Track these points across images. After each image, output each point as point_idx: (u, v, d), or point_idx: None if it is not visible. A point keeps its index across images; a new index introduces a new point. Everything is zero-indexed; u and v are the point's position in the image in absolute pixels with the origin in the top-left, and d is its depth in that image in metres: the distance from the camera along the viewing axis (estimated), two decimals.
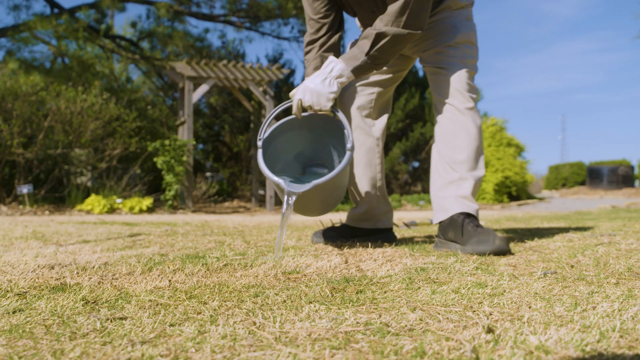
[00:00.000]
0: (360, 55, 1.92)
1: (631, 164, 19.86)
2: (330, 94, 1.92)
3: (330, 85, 1.92)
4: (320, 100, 1.92)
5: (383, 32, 1.89)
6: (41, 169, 8.21)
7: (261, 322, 0.97)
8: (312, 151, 2.23)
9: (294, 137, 2.15)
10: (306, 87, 1.93)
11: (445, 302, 1.12)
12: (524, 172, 12.14)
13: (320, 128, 2.13)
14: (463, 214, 2.00)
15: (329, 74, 1.93)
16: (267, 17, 11.86)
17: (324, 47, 2.12)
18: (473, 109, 2.09)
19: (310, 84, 1.92)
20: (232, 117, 12.29)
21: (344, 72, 1.93)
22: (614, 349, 0.79)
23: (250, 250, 2.07)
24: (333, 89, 1.92)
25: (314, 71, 2.08)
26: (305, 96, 1.93)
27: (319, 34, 2.11)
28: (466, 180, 2.05)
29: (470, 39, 2.15)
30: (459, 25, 2.13)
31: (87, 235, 2.87)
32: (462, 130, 2.08)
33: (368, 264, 1.64)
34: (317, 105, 1.93)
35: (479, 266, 1.58)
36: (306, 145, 2.20)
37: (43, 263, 1.70)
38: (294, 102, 1.98)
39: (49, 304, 1.14)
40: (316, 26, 2.11)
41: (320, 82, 1.91)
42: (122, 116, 8.91)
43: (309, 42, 2.13)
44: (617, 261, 1.61)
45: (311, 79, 1.94)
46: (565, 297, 1.14)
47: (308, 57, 2.14)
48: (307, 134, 2.16)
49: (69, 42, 10.97)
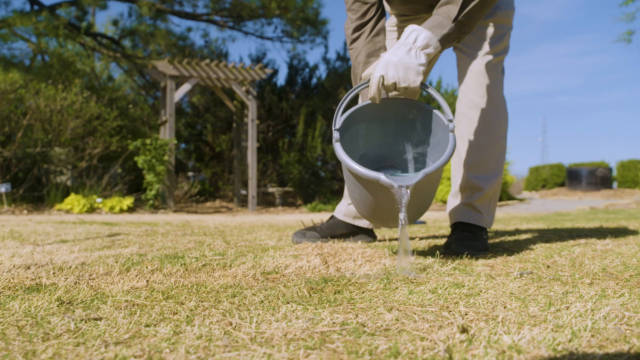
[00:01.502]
0: (446, 22, 1.65)
1: (609, 166, 20.14)
2: (419, 66, 1.61)
3: (418, 57, 1.62)
4: (408, 75, 1.61)
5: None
6: (20, 167, 8.09)
7: (237, 323, 0.97)
8: (378, 150, 1.90)
9: (363, 130, 1.83)
10: (388, 61, 1.62)
11: (422, 302, 1.12)
12: (505, 173, 12.26)
13: (392, 118, 1.81)
14: (460, 223, 2.04)
15: (413, 44, 1.63)
16: (251, 17, 11.84)
17: (374, 30, 1.91)
18: (496, 106, 2.00)
19: (392, 57, 1.62)
20: (214, 116, 12.23)
21: (431, 42, 1.64)
22: (585, 348, 0.80)
23: (230, 250, 2.07)
24: (421, 61, 1.62)
25: (367, 58, 1.89)
26: (389, 71, 1.61)
27: (366, 17, 1.91)
28: (477, 191, 2.04)
29: (509, 18, 2.03)
30: (500, 0, 2.00)
31: (66, 235, 2.84)
32: (478, 129, 2.01)
33: (347, 264, 1.64)
34: (405, 82, 1.62)
35: (457, 266, 1.59)
36: (371, 144, 1.88)
37: (19, 263, 1.67)
38: (373, 80, 1.64)
39: (23, 305, 1.12)
40: (363, 9, 1.91)
41: (406, 54, 1.61)
42: (103, 115, 8.83)
43: (356, 29, 1.93)
44: (592, 262, 1.64)
45: (392, 51, 1.63)
46: (540, 297, 1.16)
47: (356, 44, 1.93)
48: (375, 128, 1.84)
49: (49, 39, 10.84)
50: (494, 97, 2.03)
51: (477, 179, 2.04)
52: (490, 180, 2.05)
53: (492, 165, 2.06)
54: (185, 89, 8.60)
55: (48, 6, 11.04)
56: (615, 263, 1.61)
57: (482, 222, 2.04)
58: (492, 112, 2.03)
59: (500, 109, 2.05)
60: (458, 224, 2.08)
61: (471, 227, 2.03)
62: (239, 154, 10.19)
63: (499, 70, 2.06)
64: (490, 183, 2.05)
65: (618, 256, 1.75)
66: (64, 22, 10.34)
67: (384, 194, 1.54)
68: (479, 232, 2.02)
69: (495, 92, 2.04)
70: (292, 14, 11.64)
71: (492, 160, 2.06)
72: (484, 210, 2.06)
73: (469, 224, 2.05)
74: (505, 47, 2.07)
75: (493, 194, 2.08)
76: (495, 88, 2.03)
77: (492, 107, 2.03)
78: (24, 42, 11.56)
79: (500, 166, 2.08)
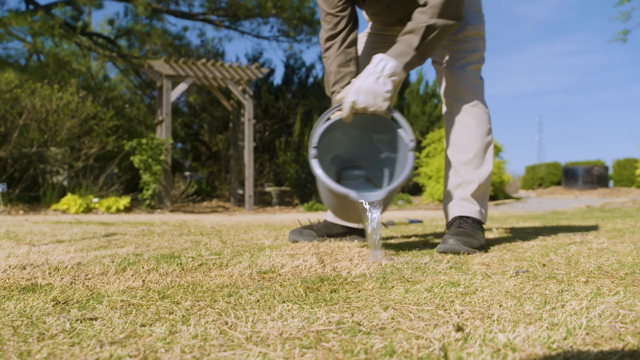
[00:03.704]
0: (409, 50, 1.85)
1: (605, 165, 20.18)
2: (386, 93, 1.82)
3: (385, 84, 1.82)
4: (376, 101, 1.81)
5: (432, 24, 1.84)
6: (15, 167, 8.07)
7: (233, 322, 0.97)
8: (348, 152, 2.11)
9: (334, 138, 2.01)
10: (359, 88, 1.81)
11: (418, 301, 1.13)
12: (501, 172, 12.27)
13: (364, 126, 2.01)
14: (457, 217, 2.09)
15: (381, 72, 1.82)
16: (247, 16, 11.84)
17: (346, 42, 2.05)
18: (477, 105, 2.13)
19: (363, 84, 1.81)
20: (211, 116, 12.23)
21: (397, 70, 1.84)
22: (580, 346, 0.80)
23: (226, 249, 2.07)
24: (388, 88, 1.82)
25: (338, 68, 2.03)
26: (359, 97, 1.81)
27: (337, 28, 2.05)
28: (470, 184, 2.11)
29: (479, 32, 2.15)
30: (468, 17, 2.12)
31: (62, 235, 2.83)
32: (465, 129, 2.12)
33: (343, 263, 1.65)
34: (373, 107, 1.82)
35: (453, 265, 1.59)
36: (343, 146, 2.08)
37: (14, 263, 1.67)
38: (345, 104, 1.83)
39: (18, 305, 1.12)
40: (334, 20, 2.05)
41: (375, 81, 1.81)
42: (99, 114, 8.81)
43: (328, 38, 2.07)
44: (587, 260, 1.64)
45: (363, 78, 1.83)
46: (535, 296, 1.16)
47: (328, 53, 2.07)
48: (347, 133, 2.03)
49: (45, 39, 10.81)
50: (477, 100, 2.16)
51: (471, 174, 2.13)
52: (483, 174, 2.15)
53: (483, 161, 2.16)
54: (182, 88, 8.59)
55: (43, 6, 11.01)
56: (611, 261, 1.61)
57: (479, 215, 2.10)
58: (478, 113, 2.16)
59: (484, 110, 2.18)
60: (455, 218, 2.11)
61: (468, 223, 2.06)
62: (235, 153, 10.18)
63: (479, 77, 2.19)
64: (483, 177, 2.15)
65: (613, 254, 1.75)
66: (60, 22, 10.31)
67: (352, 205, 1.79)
68: (476, 228, 2.06)
69: (477, 95, 2.17)
70: (288, 13, 11.64)
71: (482, 156, 2.17)
72: (479, 203, 2.13)
73: (465, 219, 2.08)
74: (481, 56, 2.20)
75: (485, 188, 2.17)
76: (476, 92, 2.16)
77: (477, 108, 2.16)
78: (20, 42, 11.55)
79: (490, 161, 2.18)
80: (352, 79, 1.96)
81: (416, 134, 13.35)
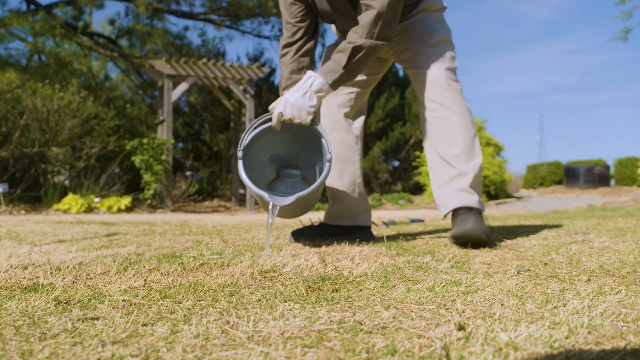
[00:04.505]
0: (337, 68, 1.98)
1: (607, 164, 20.16)
2: (310, 107, 1.96)
3: (311, 99, 1.96)
4: (301, 114, 1.96)
5: (359, 45, 1.95)
6: (17, 167, 8.08)
7: (235, 321, 0.97)
8: (286, 152, 2.26)
9: (270, 139, 2.17)
10: (287, 101, 1.96)
11: (419, 300, 1.12)
12: (503, 171, 12.27)
13: (298, 132, 2.15)
14: (461, 207, 2.08)
15: (309, 88, 1.97)
16: (248, 16, 11.83)
17: (300, 51, 2.15)
18: (458, 101, 2.16)
19: (290, 97, 1.96)
20: (212, 115, 12.23)
21: (324, 87, 1.98)
22: (582, 345, 0.80)
23: (228, 249, 2.07)
24: (313, 103, 1.96)
25: (290, 74, 2.13)
26: (286, 109, 1.96)
27: (294, 37, 2.15)
28: (465, 175, 2.13)
29: (448, 38, 2.23)
30: (435, 26, 2.21)
31: (63, 235, 2.84)
32: (451, 125, 2.15)
33: (345, 262, 1.64)
34: (298, 119, 1.97)
35: (454, 264, 1.59)
36: (281, 147, 2.24)
37: (16, 263, 1.67)
38: (274, 115, 1.99)
39: (20, 305, 1.12)
40: (292, 30, 2.15)
41: (301, 96, 1.95)
42: (100, 114, 8.81)
43: (285, 45, 2.17)
44: (589, 259, 1.64)
45: (291, 92, 1.97)
46: (537, 295, 1.16)
47: (284, 59, 2.17)
48: (283, 136, 2.18)
49: (46, 39, 10.82)
50: (457, 97, 2.20)
51: (465, 166, 2.15)
52: (475, 165, 2.18)
53: (473, 152, 2.19)
54: (183, 88, 8.59)
55: (44, 6, 11.02)
56: (612, 260, 1.61)
57: (479, 204, 2.12)
58: (459, 109, 2.18)
59: (463, 105, 2.21)
60: (458, 209, 2.11)
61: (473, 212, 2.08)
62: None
63: (454, 77, 2.23)
64: (476, 167, 2.17)
65: (615, 253, 1.75)
66: (61, 22, 10.32)
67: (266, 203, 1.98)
68: (479, 215, 2.09)
69: (456, 93, 2.21)
70: None
71: (472, 148, 2.19)
72: (477, 193, 2.16)
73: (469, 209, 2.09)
74: (453, 58, 2.25)
75: (479, 178, 2.20)
76: (456, 90, 2.20)
77: (457, 105, 2.19)
78: (21, 42, 11.55)
79: (479, 152, 2.20)
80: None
81: (417, 134, 13.35)
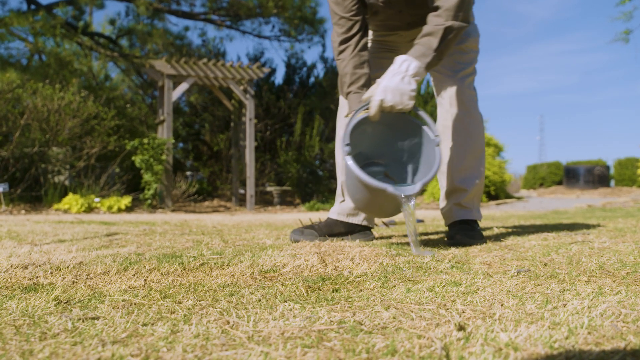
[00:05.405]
0: (429, 51, 1.94)
1: (607, 164, 20.16)
2: (411, 91, 1.91)
3: (410, 83, 1.90)
4: (403, 99, 1.90)
5: (450, 26, 1.93)
6: (17, 167, 8.08)
7: (235, 321, 0.97)
8: (370, 149, 2.18)
9: (357, 135, 2.06)
10: (386, 87, 1.89)
11: (419, 301, 1.13)
12: (503, 171, 12.27)
13: (389, 123, 2.08)
14: (457, 221, 2.27)
15: (405, 72, 1.91)
16: (248, 16, 11.83)
17: (359, 45, 2.11)
18: (473, 115, 2.25)
19: (390, 83, 1.89)
20: (212, 115, 12.23)
21: (419, 70, 1.93)
22: (582, 346, 0.80)
23: (228, 249, 2.07)
24: (413, 87, 1.91)
25: (354, 69, 2.09)
26: (387, 96, 1.89)
27: (351, 31, 2.11)
28: (464, 192, 2.28)
29: (477, 44, 2.29)
30: (470, 28, 2.23)
31: (63, 235, 2.84)
32: (461, 138, 2.24)
33: (345, 263, 1.64)
34: (400, 105, 1.90)
35: (454, 265, 1.59)
36: (366, 144, 2.15)
37: (16, 263, 1.67)
38: (373, 103, 1.92)
39: (20, 304, 1.12)
40: (348, 24, 2.11)
41: (400, 81, 1.89)
42: (100, 114, 8.81)
43: (342, 41, 2.13)
44: (589, 259, 1.64)
45: (388, 78, 1.91)
46: (537, 295, 1.16)
47: (343, 55, 2.13)
48: (369, 132, 2.10)
49: (46, 39, 10.81)
50: (472, 111, 2.29)
51: (462, 183, 2.29)
52: (473, 182, 2.30)
53: (473, 169, 2.31)
54: (183, 88, 8.60)
55: (45, 5, 11.02)
56: (612, 261, 1.61)
57: (474, 216, 2.31)
58: (470, 123, 2.29)
59: (478, 121, 2.31)
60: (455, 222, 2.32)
61: (468, 224, 2.28)
62: (237, 153, 10.18)
63: (472, 88, 2.31)
64: (473, 184, 2.31)
65: (615, 254, 1.75)
66: (61, 22, 10.32)
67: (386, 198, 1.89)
68: (473, 224, 2.28)
69: (473, 106, 2.29)
70: (289, 12, 11.64)
71: (474, 165, 2.31)
72: (471, 207, 2.32)
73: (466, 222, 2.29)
74: (474, 68, 2.33)
75: (476, 193, 2.33)
76: (472, 103, 2.29)
77: (470, 119, 2.28)
78: (21, 42, 11.54)
79: (481, 169, 2.32)
80: (375, 80, 2.02)
81: None
